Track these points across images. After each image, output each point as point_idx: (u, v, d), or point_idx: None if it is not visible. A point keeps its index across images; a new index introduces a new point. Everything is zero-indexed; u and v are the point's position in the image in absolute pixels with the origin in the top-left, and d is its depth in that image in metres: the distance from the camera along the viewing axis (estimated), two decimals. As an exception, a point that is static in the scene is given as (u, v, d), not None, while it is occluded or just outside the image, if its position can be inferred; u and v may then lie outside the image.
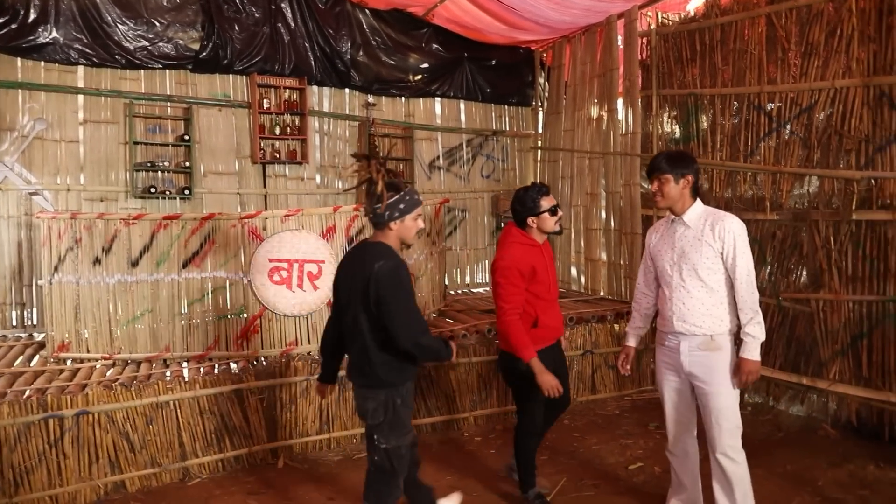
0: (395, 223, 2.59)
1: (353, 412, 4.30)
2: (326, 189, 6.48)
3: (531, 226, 3.16)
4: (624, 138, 6.01)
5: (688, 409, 3.01)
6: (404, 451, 2.70)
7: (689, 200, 2.83)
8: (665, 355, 2.97)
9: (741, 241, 2.71)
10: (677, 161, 2.83)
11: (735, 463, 2.80)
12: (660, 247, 2.95)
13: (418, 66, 6.78)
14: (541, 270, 3.15)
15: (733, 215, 2.76)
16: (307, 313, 4.31)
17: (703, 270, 2.76)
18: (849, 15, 4.03)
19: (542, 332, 3.18)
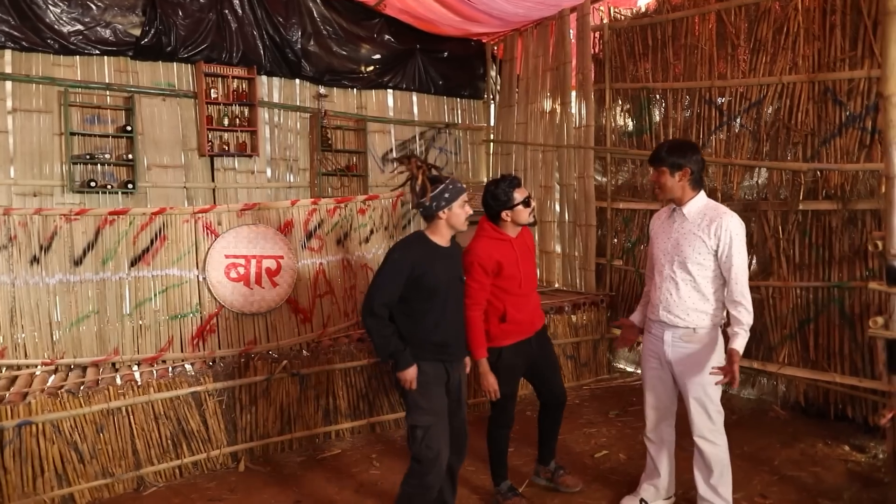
0: (444, 212, 2.70)
1: (316, 411, 4.21)
2: (278, 183, 6.28)
3: (505, 219, 3.11)
4: (577, 131, 6.10)
5: (668, 397, 3.06)
6: (420, 433, 2.68)
7: (691, 192, 2.80)
8: (650, 343, 3.01)
9: (738, 240, 2.71)
10: (676, 152, 2.79)
11: (716, 446, 2.87)
12: (658, 234, 2.97)
13: (370, 57, 6.65)
14: (508, 265, 3.09)
15: (733, 213, 2.75)
16: (266, 311, 4.16)
17: (692, 265, 2.78)
18: (794, 13, 4.20)
19: (511, 327, 3.15)
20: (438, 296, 2.73)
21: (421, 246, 2.75)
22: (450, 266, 2.79)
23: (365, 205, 4.99)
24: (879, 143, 3.84)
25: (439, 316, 2.74)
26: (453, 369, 2.84)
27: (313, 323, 4.45)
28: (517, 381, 3.31)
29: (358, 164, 6.58)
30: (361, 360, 4.34)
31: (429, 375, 2.75)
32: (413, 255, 2.70)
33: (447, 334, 2.79)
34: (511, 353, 3.17)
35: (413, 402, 2.74)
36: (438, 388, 2.77)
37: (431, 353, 2.75)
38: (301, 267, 4.33)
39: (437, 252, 2.75)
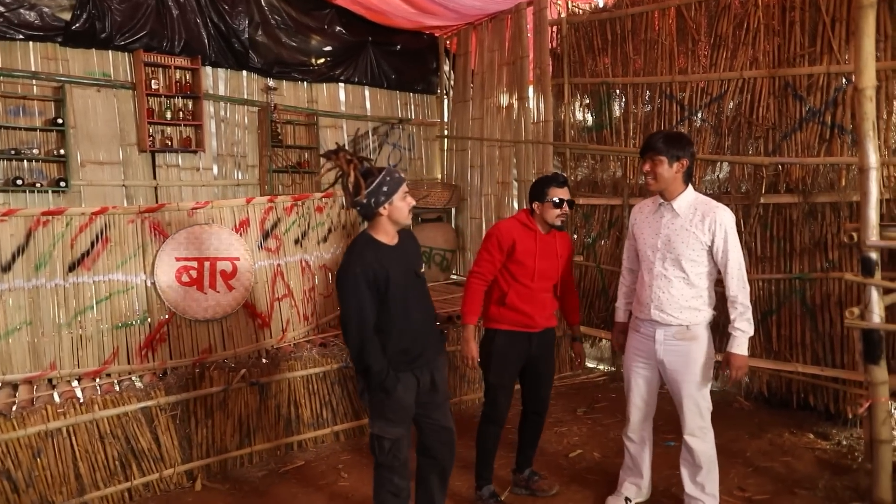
0: (384, 207, 2.49)
1: (277, 421, 3.96)
2: (225, 180, 5.93)
3: (536, 211, 3.08)
4: (535, 126, 6.04)
5: (652, 397, 3.02)
6: (388, 444, 2.58)
7: (681, 186, 2.74)
8: (638, 342, 2.94)
9: (732, 235, 2.67)
10: (674, 142, 2.70)
11: (704, 442, 2.85)
12: (644, 229, 2.89)
13: (321, 49, 6.38)
14: (523, 252, 3.04)
15: (724, 206, 2.70)
16: (222, 317, 3.87)
17: (686, 262, 2.71)
18: (755, 9, 4.25)
19: (509, 314, 3.09)
20: (398, 299, 2.54)
21: (370, 250, 2.51)
22: (404, 263, 2.59)
23: (322, 202, 4.76)
24: (839, 138, 3.94)
25: (403, 321, 2.57)
26: (423, 374, 2.65)
27: (272, 328, 4.19)
28: (509, 374, 3.18)
29: (310, 161, 6.30)
30: (324, 366, 4.12)
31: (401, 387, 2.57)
32: (367, 263, 2.47)
33: (410, 341, 2.59)
34: (505, 340, 3.10)
35: (382, 414, 2.58)
36: (409, 399, 2.61)
37: (400, 363, 2.57)
38: (258, 269, 4.07)
39: (387, 252, 2.54)
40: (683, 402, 2.83)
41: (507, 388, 3.18)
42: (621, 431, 4.12)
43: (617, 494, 3.21)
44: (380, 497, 2.68)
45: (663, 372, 2.88)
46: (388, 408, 2.56)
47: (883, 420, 2.91)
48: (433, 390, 2.72)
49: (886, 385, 2.90)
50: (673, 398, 2.91)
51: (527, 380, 3.27)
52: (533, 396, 3.29)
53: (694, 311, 2.75)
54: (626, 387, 3.07)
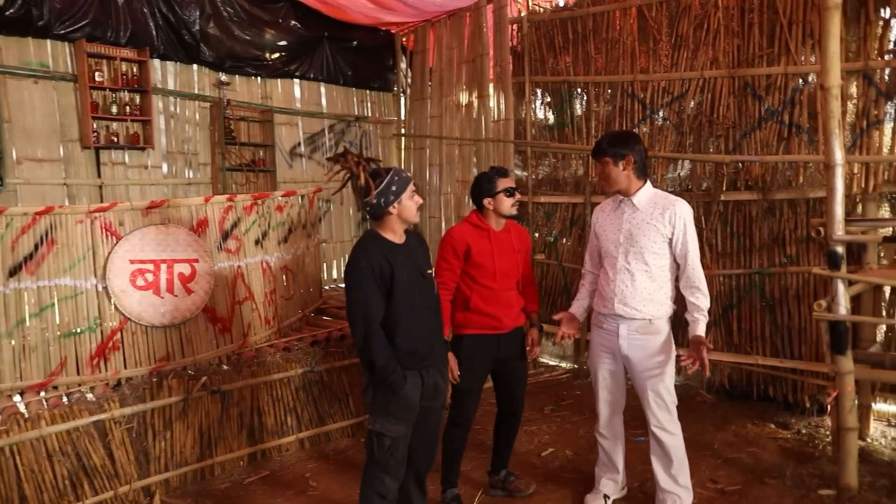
0: (394, 207, 2.52)
1: (240, 431, 3.79)
2: (175, 179, 5.65)
3: (487, 208, 3.02)
4: (496, 125, 6.01)
5: (620, 391, 3.04)
6: (388, 442, 2.55)
7: (637, 182, 2.78)
8: (602, 338, 2.94)
9: (691, 227, 2.73)
10: (617, 142, 2.77)
11: (673, 436, 2.88)
12: (606, 226, 2.91)
13: (275, 44, 6.18)
14: (479, 254, 3.00)
15: (682, 200, 2.75)
16: (180, 322, 3.66)
17: (649, 255, 2.75)
18: (714, 10, 4.34)
19: (475, 317, 3.04)
20: (405, 297, 2.54)
21: (377, 246, 2.54)
22: (410, 262, 2.59)
23: (283, 201, 4.59)
24: (796, 136, 4.07)
25: (410, 321, 2.55)
26: (429, 374, 2.64)
27: (233, 333, 4.00)
28: (477, 378, 3.13)
29: (265, 159, 6.08)
30: (288, 371, 3.97)
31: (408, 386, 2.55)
32: (373, 256, 2.49)
33: (419, 340, 2.59)
34: (472, 345, 3.04)
35: (385, 411, 2.56)
36: (415, 397, 2.59)
37: (406, 363, 2.55)
38: (218, 271, 3.87)
39: (394, 250, 2.56)
40: (649, 396, 2.85)
41: (474, 392, 3.13)
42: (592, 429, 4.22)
43: (595, 492, 3.20)
44: (366, 497, 2.62)
45: (628, 366, 2.91)
46: (394, 405, 2.54)
47: (849, 409, 3.00)
48: (435, 395, 2.70)
49: (852, 375, 2.99)
50: (638, 393, 2.93)
51: (499, 381, 3.23)
52: (507, 398, 3.26)
53: (657, 304, 2.79)
54: (594, 383, 3.07)
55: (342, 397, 4.26)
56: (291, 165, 6.48)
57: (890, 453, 3.57)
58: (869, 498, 3.02)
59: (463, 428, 3.17)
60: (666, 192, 2.86)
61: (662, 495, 2.97)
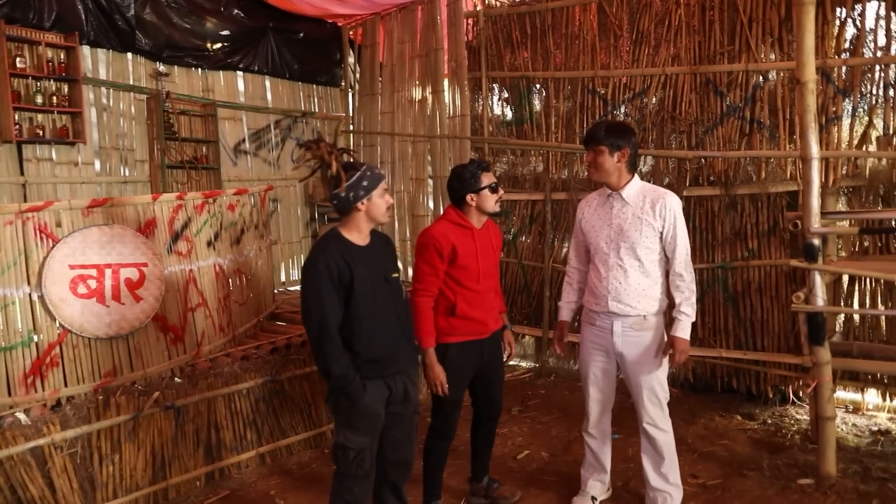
0: (363, 203, 2.40)
1: (196, 448, 3.49)
2: (110, 177, 5.20)
3: (470, 204, 2.83)
4: (452, 121, 5.89)
5: (611, 389, 2.99)
6: (353, 454, 2.43)
7: (627, 175, 2.72)
8: (594, 335, 2.86)
9: (681, 220, 2.69)
10: (615, 132, 2.68)
11: (665, 433, 2.85)
12: (594, 222, 2.82)
13: (217, 33, 5.81)
14: (465, 255, 2.82)
15: (671, 192, 2.71)
16: (129, 332, 3.33)
17: (641, 250, 2.69)
18: (675, 7, 4.38)
19: (461, 324, 2.86)
20: (365, 303, 2.41)
21: (338, 247, 2.40)
22: (373, 265, 2.45)
23: (235, 200, 4.30)
24: (758, 132, 4.14)
25: (371, 328, 2.42)
26: (396, 382, 2.52)
27: (186, 343, 3.68)
28: (463, 388, 2.98)
29: (208, 156, 5.70)
30: (247, 382, 3.70)
31: (369, 395, 2.43)
32: (332, 258, 2.36)
33: (382, 347, 2.46)
34: (458, 353, 2.87)
35: (347, 422, 2.45)
36: (378, 408, 2.47)
37: (369, 371, 2.43)
38: (168, 275, 3.55)
39: (357, 252, 2.42)
40: (643, 393, 2.80)
41: (459, 402, 2.98)
42: (565, 428, 4.17)
43: (582, 494, 3.13)
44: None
45: (622, 363, 2.85)
46: (355, 416, 2.42)
47: (828, 398, 3.04)
48: (405, 401, 2.57)
49: (830, 365, 3.04)
50: (631, 390, 2.88)
51: (479, 387, 3.07)
52: (487, 402, 3.12)
53: (651, 300, 2.75)
54: (584, 382, 3.00)
55: (304, 407, 4.02)
56: (236, 163, 6.12)
57: (854, 439, 3.68)
58: (847, 485, 3.08)
59: (448, 439, 3.02)
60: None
61: (653, 494, 2.93)
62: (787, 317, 4.15)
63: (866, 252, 3.83)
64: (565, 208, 5.16)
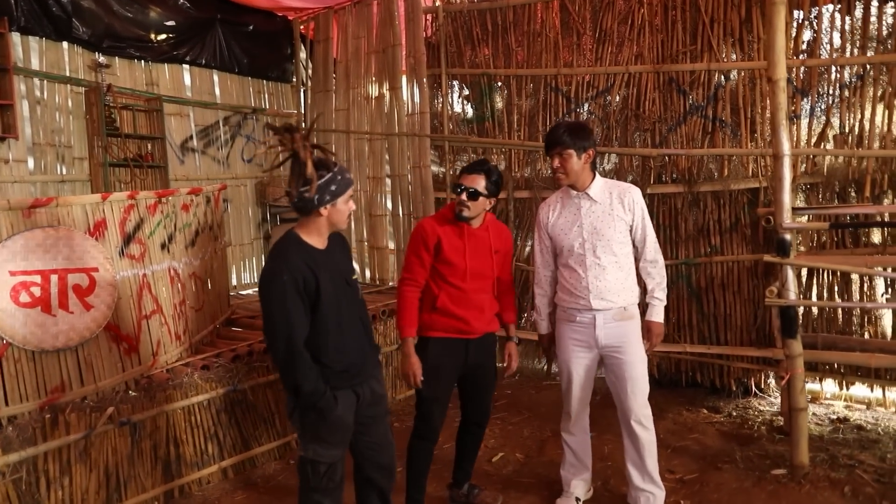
0: (326, 208, 2.23)
1: (154, 466, 3.25)
2: (45, 175, 4.81)
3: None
4: (410, 118, 5.76)
5: (590, 386, 2.99)
6: (324, 468, 2.32)
7: (590, 174, 2.75)
8: (576, 332, 2.84)
9: (646, 211, 2.78)
10: (579, 134, 2.69)
11: (647, 430, 2.87)
12: (562, 225, 2.82)
13: (162, 24, 5.49)
14: (450, 251, 2.75)
15: (632, 185, 2.80)
16: (78, 343, 3.05)
17: (616, 245, 2.72)
18: (638, 6, 4.41)
19: (441, 319, 2.79)
20: (333, 312, 2.28)
21: (299, 254, 2.24)
22: (334, 269, 2.32)
23: (189, 199, 4.05)
24: (720, 130, 4.22)
25: (338, 337, 2.30)
26: (363, 387, 2.40)
27: (141, 353, 3.43)
28: (443, 386, 2.88)
29: (153, 153, 5.37)
30: (208, 392, 3.49)
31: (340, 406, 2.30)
32: (295, 267, 2.19)
33: (350, 356, 2.35)
34: (438, 349, 2.80)
35: (316, 436, 2.32)
36: (348, 418, 2.34)
37: (339, 382, 2.30)
38: (121, 281, 3.29)
39: (317, 256, 2.27)
40: (628, 387, 2.80)
41: (441, 401, 2.89)
42: (536, 429, 4.13)
43: (566, 495, 3.09)
44: None
45: (605, 358, 2.85)
46: (325, 430, 2.30)
47: (800, 390, 3.11)
48: (374, 403, 2.46)
49: (802, 357, 3.11)
50: (615, 385, 2.88)
51: (466, 389, 3.01)
52: (474, 407, 3.05)
53: (629, 291, 2.79)
54: (565, 381, 2.97)
55: (268, 416, 3.83)
56: (183, 161, 5.80)
57: (816, 428, 3.79)
58: (818, 473, 3.16)
59: (429, 440, 2.92)
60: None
61: (636, 493, 2.93)
62: (749, 311, 4.25)
63: (824, 247, 3.96)
64: (528, 206, 5.14)
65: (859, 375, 3.97)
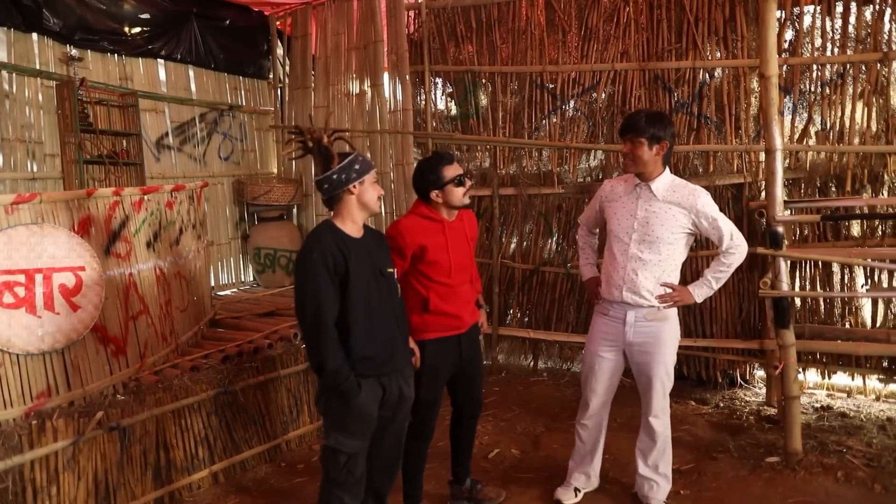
0: (355, 186, 2.29)
1: (144, 472, 3.14)
2: (15, 173, 4.59)
3: (436, 201, 2.71)
4: (393, 115, 5.71)
5: (615, 381, 2.98)
6: (344, 459, 2.32)
7: (660, 168, 2.67)
8: (605, 326, 2.83)
9: (716, 212, 2.65)
10: (656, 123, 2.61)
11: (665, 425, 2.89)
12: (617, 209, 2.77)
13: (136, 16, 5.31)
14: (435, 250, 2.70)
15: (702, 188, 2.67)
16: (65, 346, 2.92)
17: (664, 245, 2.66)
18: (624, 5, 4.47)
19: (435, 319, 2.74)
20: (361, 297, 2.29)
21: (332, 237, 2.29)
22: (367, 258, 2.34)
23: (173, 197, 3.93)
24: (705, 127, 4.30)
25: (366, 322, 2.31)
26: (391, 382, 2.40)
27: (128, 354, 3.31)
28: (441, 387, 2.88)
29: (129, 150, 5.19)
30: (198, 395, 3.40)
31: (363, 395, 2.30)
32: (327, 247, 2.25)
33: (374, 345, 2.34)
34: (435, 351, 2.75)
35: (341, 425, 2.33)
36: (372, 409, 2.34)
37: (364, 369, 2.31)
38: (107, 280, 3.16)
39: (351, 243, 2.31)
40: (652, 384, 2.81)
41: (438, 401, 2.87)
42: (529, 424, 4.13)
43: (566, 485, 3.11)
44: None
45: (630, 354, 2.84)
46: (348, 417, 2.31)
47: (794, 378, 3.19)
48: (399, 403, 2.46)
49: (795, 347, 3.18)
50: (639, 381, 2.89)
51: (458, 384, 2.97)
52: (468, 401, 3.03)
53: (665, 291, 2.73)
54: (586, 372, 2.97)
55: (258, 418, 3.75)
56: (159, 158, 5.63)
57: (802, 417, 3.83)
58: (811, 459, 3.24)
59: (426, 439, 2.91)
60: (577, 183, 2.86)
61: (640, 481, 2.98)
62: (734, 304, 4.34)
63: (806, 240, 4.07)
64: (513, 203, 5.15)
65: (841, 364, 4.09)
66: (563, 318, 5.03)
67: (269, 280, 6.22)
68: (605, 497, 3.12)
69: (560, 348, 5.12)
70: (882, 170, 3.82)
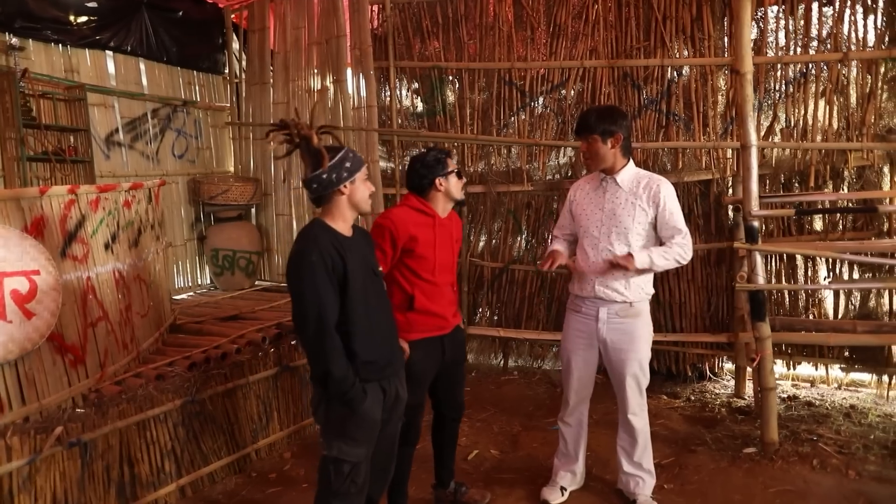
0: (346, 185, 2.17)
1: (107, 489, 2.94)
2: (-48, 171, 4.26)
3: (439, 189, 2.65)
4: (356, 112, 5.58)
5: (591, 378, 2.98)
6: (348, 468, 2.21)
7: (622, 160, 2.69)
8: (579, 323, 2.81)
9: (675, 205, 2.66)
10: (606, 118, 2.63)
11: (642, 420, 2.90)
12: (585, 206, 2.77)
13: (83, 4, 5.00)
14: (424, 244, 2.64)
15: (665, 179, 2.69)
16: (18, 357, 2.70)
17: (633, 235, 2.66)
18: (592, 2, 4.48)
19: (420, 319, 2.67)
20: (360, 298, 2.19)
21: (327, 236, 2.17)
22: (362, 259, 2.26)
23: (131, 196, 3.71)
24: (674, 124, 4.36)
25: (366, 325, 2.21)
26: (390, 385, 2.32)
27: (88, 364, 3.09)
28: (425, 390, 2.81)
29: (77, 147, 4.88)
30: (164, 405, 3.21)
31: (368, 400, 2.20)
32: (324, 247, 2.13)
33: (377, 348, 2.26)
34: (420, 353, 2.67)
35: (343, 432, 2.21)
36: (377, 414, 2.25)
37: (366, 374, 2.21)
38: (63, 284, 2.94)
39: (345, 243, 2.21)
40: (626, 381, 2.81)
41: (423, 404, 2.81)
42: (506, 424, 4.09)
43: (552, 485, 3.08)
44: None
45: (605, 352, 2.83)
46: (353, 424, 2.19)
47: (769, 370, 3.25)
48: (395, 406, 2.37)
49: (770, 339, 3.24)
50: (613, 378, 2.88)
51: (442, 387, 2.91)
52: (451, 403, 2.97)
53: (638, 286, 2.74)
54: (564, 370, 2.97)
55: (226, 428, 3.58)
56: (109, 156, 5.32)
57: (772, 407, 3.99)
58: (787, 448, 3.31)
59: (412, 444, 2.84)
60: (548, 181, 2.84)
61: (626, 478, 2.97)
62: (703, 299, 4.42)
63: (771, 234, 4.17)
64: (482, 201, 5.10)
65: (805, 355, 4.21)
66: (534, 316, 5.02)
67: (227, 282, 5.99)
68: (591, 495, 3.11)
69: (530, 346, 5.11)
70: (843, 166, 3.95)
